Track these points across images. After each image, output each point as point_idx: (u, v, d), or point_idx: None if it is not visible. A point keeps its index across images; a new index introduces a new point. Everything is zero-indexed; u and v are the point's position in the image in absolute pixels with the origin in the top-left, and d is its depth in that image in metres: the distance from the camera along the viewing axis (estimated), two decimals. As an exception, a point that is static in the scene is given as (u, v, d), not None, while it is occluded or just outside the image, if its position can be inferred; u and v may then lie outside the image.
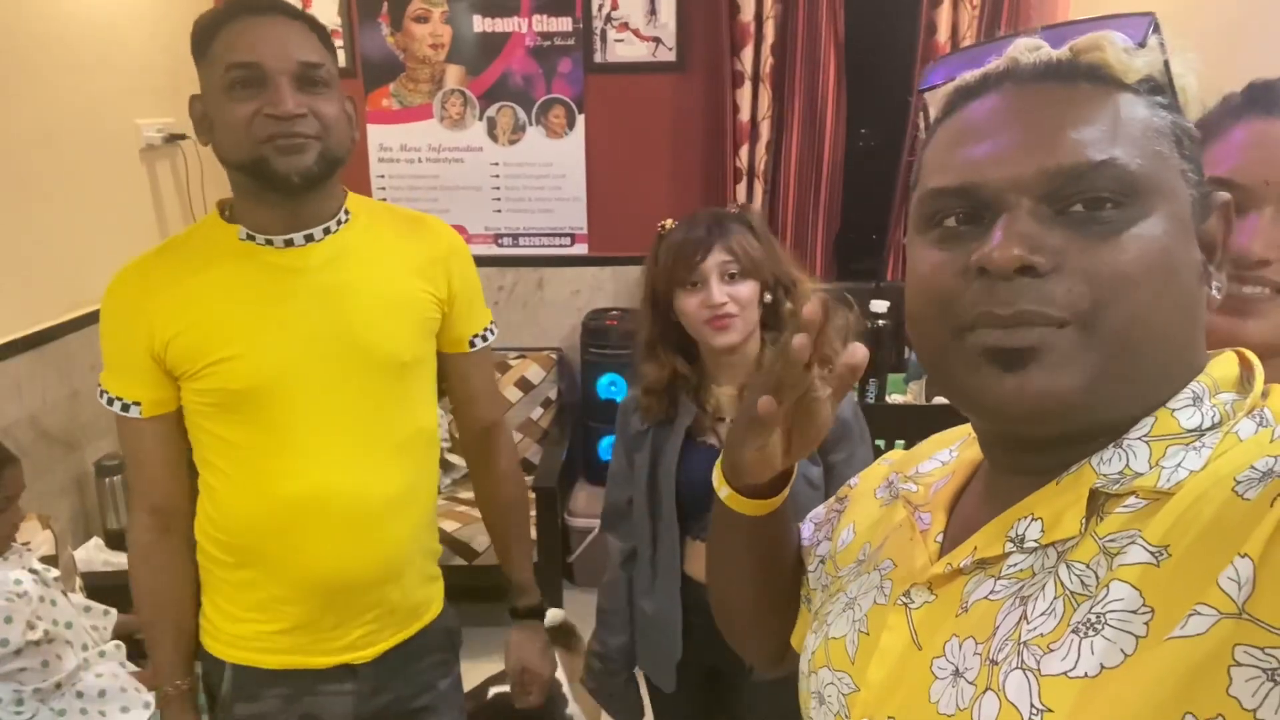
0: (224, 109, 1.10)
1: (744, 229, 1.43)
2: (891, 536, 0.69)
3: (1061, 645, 0.48)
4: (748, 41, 3.12)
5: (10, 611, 1.66)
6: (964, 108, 0.57)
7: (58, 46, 2.42)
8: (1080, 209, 0.51)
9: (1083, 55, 0.54)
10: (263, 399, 1.16)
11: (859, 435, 1.46)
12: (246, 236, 1.18)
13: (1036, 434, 0.55)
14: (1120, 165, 0.51)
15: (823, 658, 0.67)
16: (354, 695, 1.27)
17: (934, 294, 0.55)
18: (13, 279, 2.26)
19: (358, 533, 1.22)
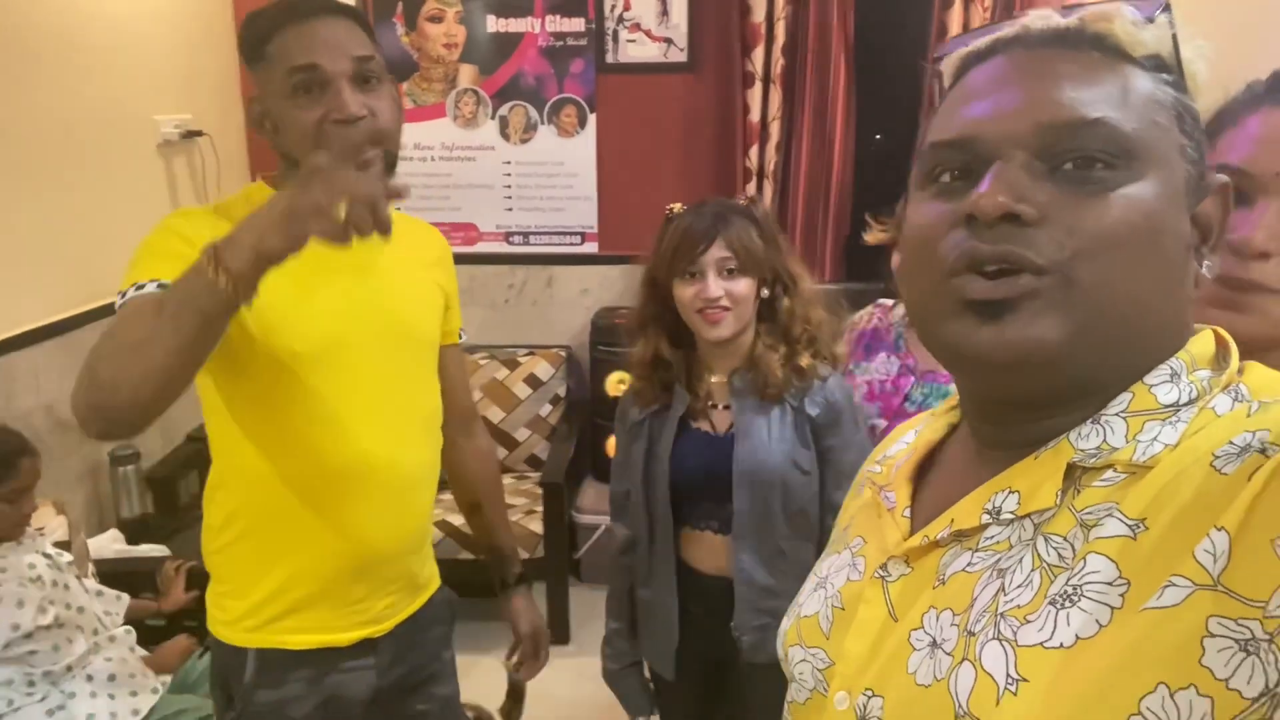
0: (288, 114, 1.13)
1: (749, 223, 1.44)
2: (859, 516, 0.70)
3: (1038, 616, 0.49)
4: (759, 42, 3.14)
5: (23, 596, 1.69)
6: (971, 70, 0.59)
7: (77, 42, 2.47)
8: (1071, 167, 0.52)
9: (1091, 25, 0.55)
10: (313, 363, 1.18)
11: (852, 419, 1.48)
12: None
13: (1013, 388, 0.55)
14: (1113, 125, 0.51)
15: (794, 636, 0.68)
16: (374, 670, 1.30)
17: (922, 242, 0.56)
18: (31, 270, 2.31)
19: (395, 502, 1.26)
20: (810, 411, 1.44)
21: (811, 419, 1.44)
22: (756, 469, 1.42)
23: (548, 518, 2.84)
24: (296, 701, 1.25)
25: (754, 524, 1.43)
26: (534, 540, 2.86)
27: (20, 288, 2.27)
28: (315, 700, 1.26)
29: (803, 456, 1.44)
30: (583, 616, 2.90)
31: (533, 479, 3.17)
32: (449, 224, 3.38)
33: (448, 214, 3.41)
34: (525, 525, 2.88)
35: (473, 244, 3.43)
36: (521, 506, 2.99)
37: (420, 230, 1.41)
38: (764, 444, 1.43)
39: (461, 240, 3.41)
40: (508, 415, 3.27)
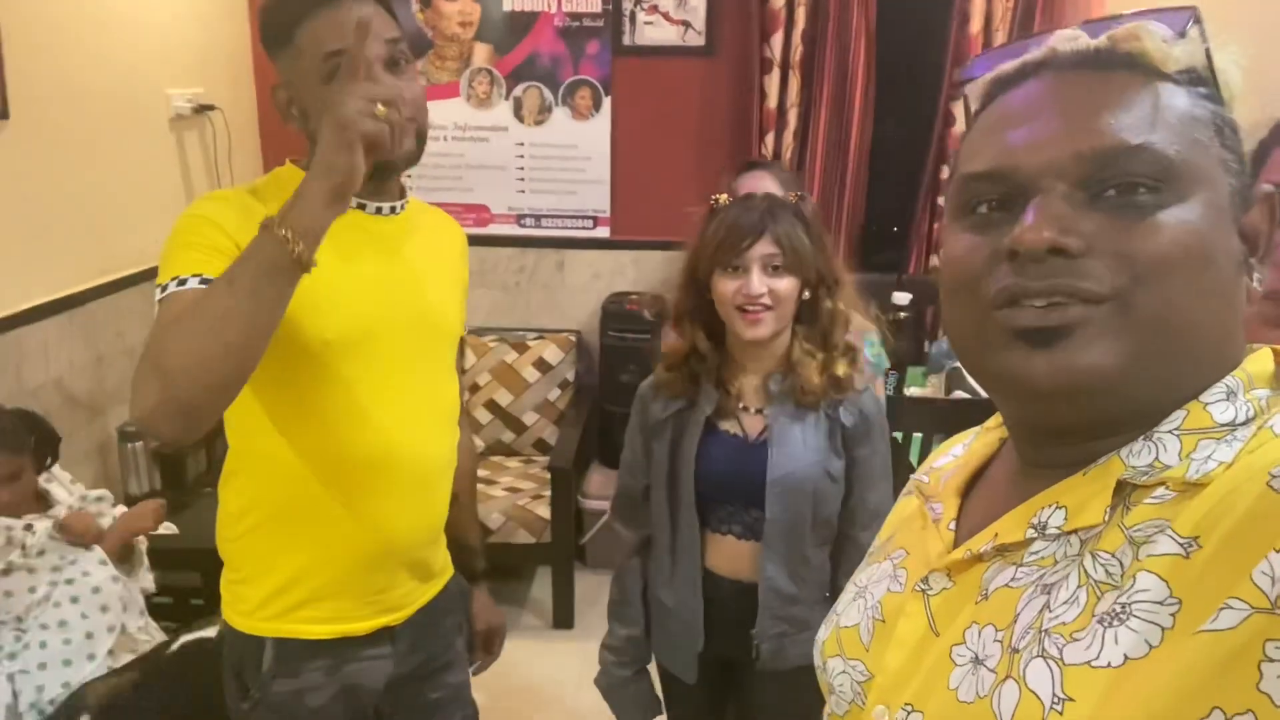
0: (322, 99, 1.09)
1: (797, 220, 1.40)
2: (902, 527, 0.69)
3: (1085, 635, 0.48)
4: (778, 28, 3.10)
5: None
6: (1001, 97, 0.57)
7: (91, 16, 2.44)
8: (1114, 194, 0.51)
9: (1121, 44, 0.54)
10: (342, 352, 1.17)
11: (881, 430, 1.45)
12: None
13: (1066, 417, 0.54)
14: (1156, 150, 0.50)
15: (834, 647, 0.67)
16: (392, 658, 1.30)
17: (965, 276, 0.55)
18: (42, 244, 2.29)
19: (416, 493, 1.27)
20: (844, 421, 1.41)
21: (844, 428, 1.42)
22: (789, 478, 1.39)
23: (555, 503, 2.83)
24: (314, 691, 1.24)
25: (784, 532, 1.41)
26: (541, 525, 2.85)
27: (31, 262, 2.26)
28: (333, 689, 1.26)
29: (835, 465, 1.41)
30: (588, 602, 2.90)
31: (540, 463, 3.16)
32: (461, 204, 3.36)
33: (460, 194, 3.39)
34: (533, 510, 2.88)
35: (484, 225, 3.41)
36: (529, 491, 2.99)
37: (442, 220, 1.41)
38: (799, 453, 1.40)
39: (473, 221, 3.39)
40: (516, 399, 3.26)
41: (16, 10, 2.15)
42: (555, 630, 2.90)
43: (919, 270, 3.28)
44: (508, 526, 2.85)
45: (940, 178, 3.22)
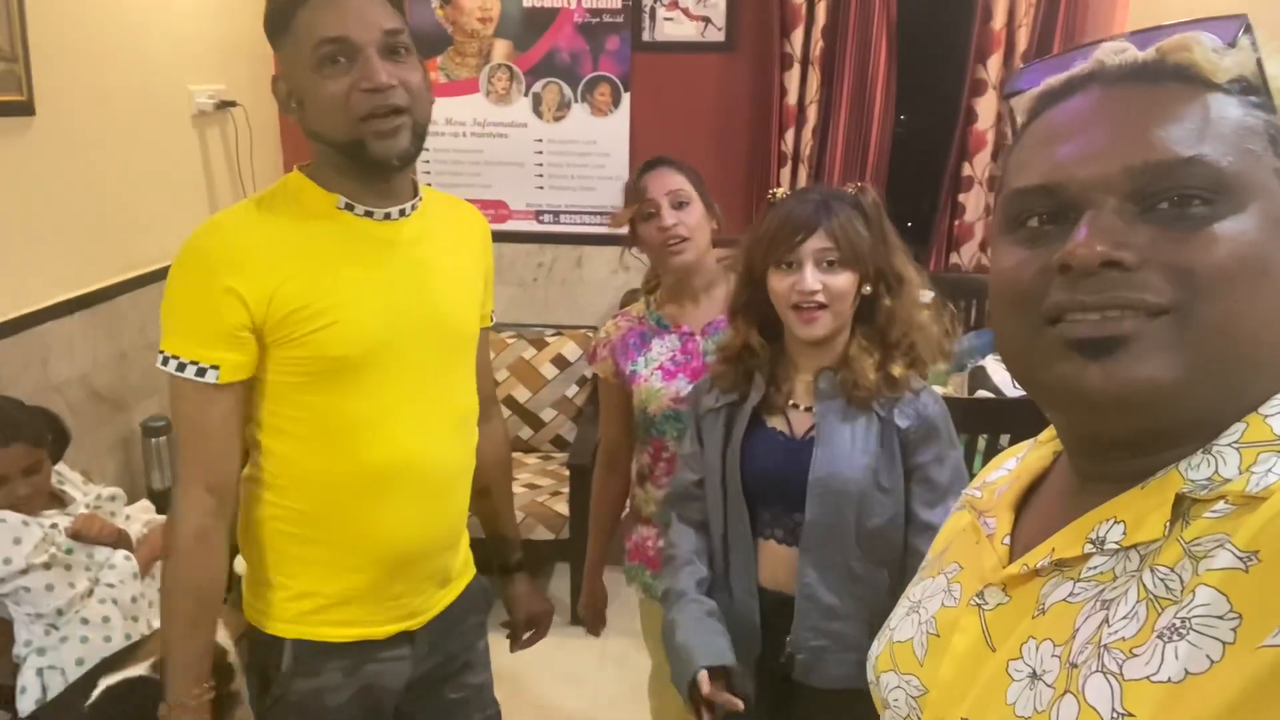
0: (316, 87, 1.12)
1: (856, 214, 1.34)
2: (956, 541, 0.69)
3: (1145, 650, 0.47)
4: (798, 23, 3.08)
5: (21, 534, 1.75)
6: (1049, 111, 0.57)
7: (113, 11, 2.46)
8: (1167, 207, 0.51)
9: (1170, 56, 0.53)
10: (360, 366, 1.17)
11: (948, 437, 1.37)
12: (345, 206, 1.19)
13: (1121, 429, 0.54)
14: (1208, 162, 0.50)
15: (888, 662, 0.67)
16: (410, 660, 1.30)
17: (1015, 290, 0.55)
18: (66, 240, 2.31)
19: (433, 501, 1.26)
20: (900, 423, 1.32)
21: (900, 431, 1.32)
22: (833, 478, 1.31)
23: (574, 500, 2.83)
24: (333, 691, 1.25)
25: (823, 537, 1.32)
26: (560, 522, 2.85)
27: (56, 258, 2.28)
28: (351, 689, 1.26)
29: (886, 472, 1.32)
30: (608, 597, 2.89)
31: (558, 460, 3.16)
32: (479, 201, 3.37)
33: (478, 191, 3.39)
34: (551, 506, 2.88)
35: (503, 221, 3.41)
36: (547, 488, 2.99)
37: (460, 211, 1.39)
38: (845, 453, 1.31)
39: (491, 218, 3.39)
40: (534, 395, 3.26)
41: (41, 7, 2.17)
42: (574, 627, 2.90)
43: (940, 267, 3.26)
44: (526, 523, 2.85)
45: (962, 175, 3.19)
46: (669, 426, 1.64)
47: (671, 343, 1.66)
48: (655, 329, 1.69)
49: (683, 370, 1.64)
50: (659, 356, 1.66)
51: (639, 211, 1.63)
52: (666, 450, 1.66)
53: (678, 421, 1.61)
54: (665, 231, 1.59)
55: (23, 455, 1.83)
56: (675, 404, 1.61)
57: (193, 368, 1.13)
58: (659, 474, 1.68)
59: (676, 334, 1.67)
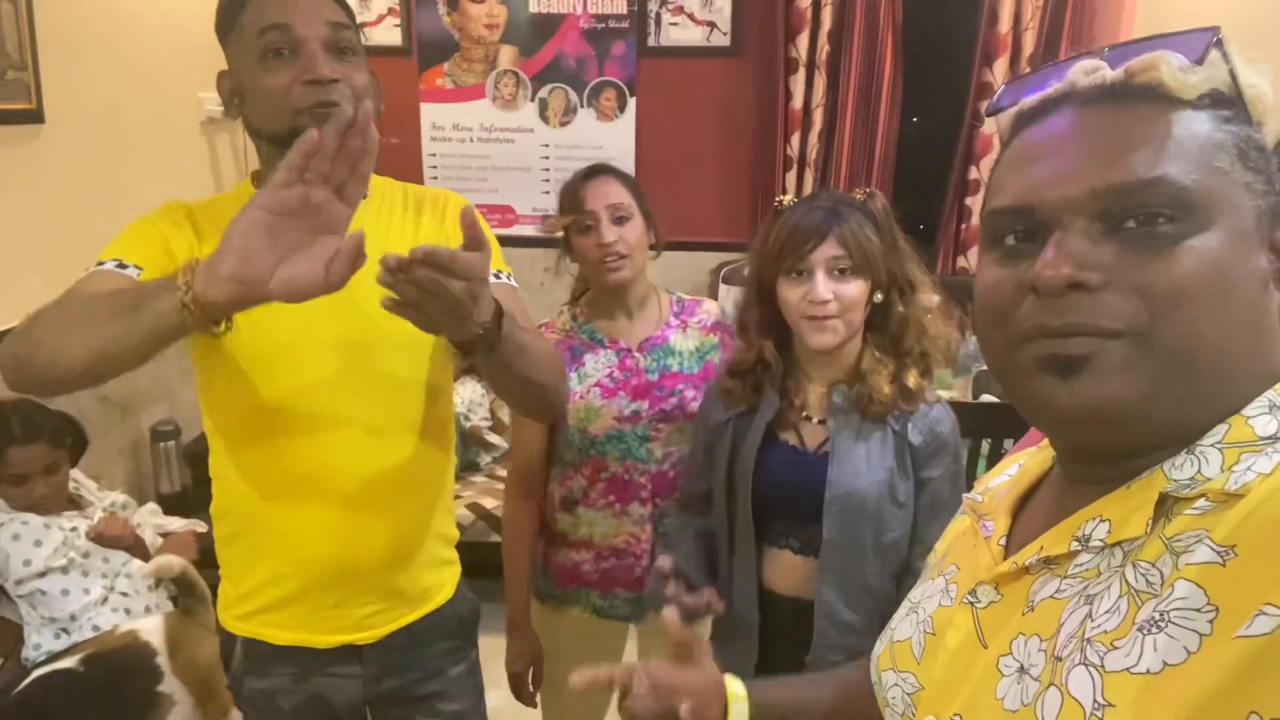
0: (258, 79, 1.09)
1: (865, 220, 1.31)
2: (956, 544, 0.71)
3: (1125, 642, 0.49)
4: (804, 27, 3.09)
5: (43, 537, 1.78)
6: (1025, 131, 0.59)
7: (122, 19, 2.48)
8: (1133, 225, 0.52)
9: (1137, 76, 0.54)
10: (272, 368, 1.14)
11: (954, 452, 1.36)
12: None
13: (1096, 442, 0.56)
14: (1171, 181, 0.51)
15: (888, 660, 0.69)
16: (361, 679, 1.27)
17: (993, 309, 0.57)
18: (76, 246, 2.33)
19: (362, 514, 1.20)
20: (912, 439, 1.31)
21: (913, 447, 1.31)
22: (851, 496, 1.30)
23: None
24: (284, 694, 1.26)
25: (842, 555, 1.31)
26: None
27: (64, 263, 2.29)
28: (302, 696, 1.26)
29: (901, 487, 1.31)
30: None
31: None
32: (486, 205, 3.38)
33: (485, 196, 3.41)
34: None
35: (509, 226, 3.42)
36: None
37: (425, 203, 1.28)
38: (861, 470, 1.30)
39: (498, 222, 3.41)
40: (541, 399, 3.26)
41: (50, 15, 2.19)
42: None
43: (947, 270, 3.25)
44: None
45: (969, 178, 3.19)
46: (611, 447, 1.56)
47: (608, 359, 1.58)
48: (588, 343, 1.59)
49: (622, 388, 1.56)
50: (594, 373, 1.57)
51: (576, 222, 1.55)
52: (606, 471, 1.58)
53: (620, 442, 1.56)
54: (604, 248, 1.52)
55: (43, 454, 1.85)
56: (619, 423, 1.55)
57: (113, 263, 1.09)
58: (594, 496, 1.59)
59: (613, 349, 1.58)
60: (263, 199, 0.87)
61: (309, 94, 1.07)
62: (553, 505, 1.64)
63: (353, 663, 1.26)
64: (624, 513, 1.59)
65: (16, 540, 1.79)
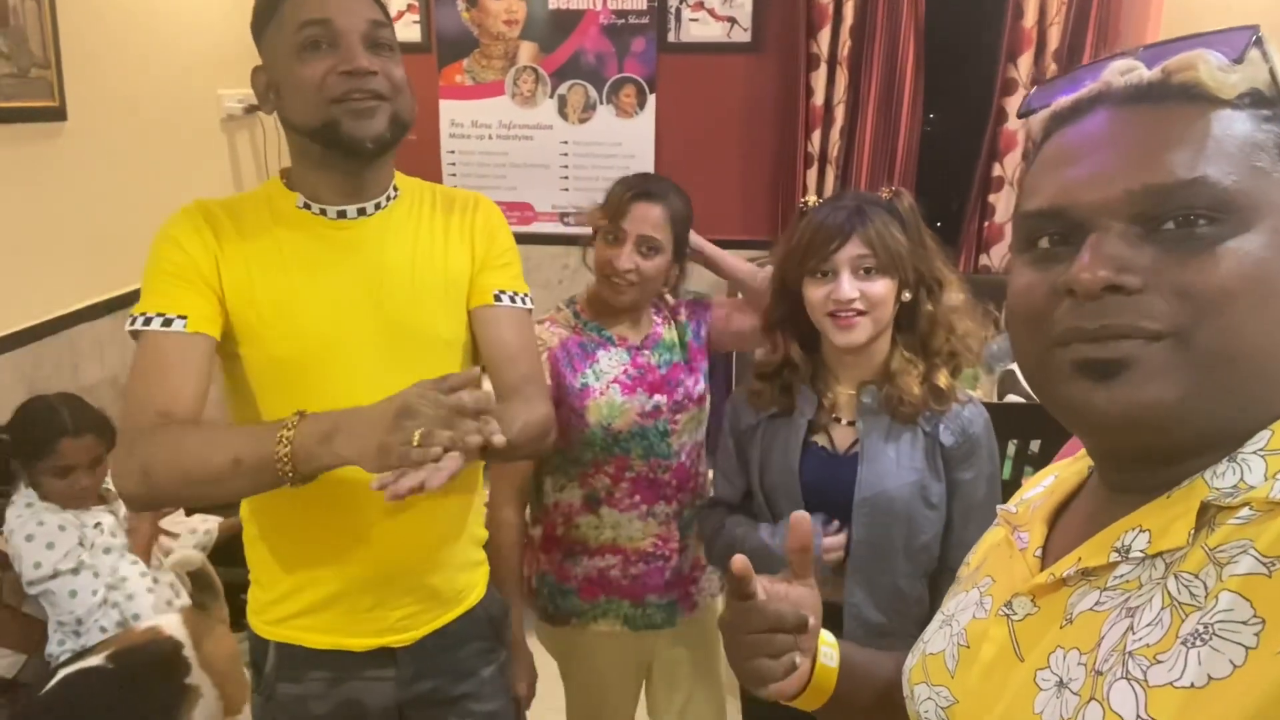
0: (294, 71, 1.09)
1: (891, 219, 1.30)
2: (991, 556, 0.70)
3: (1169, 656, 0.47)
4: (825, 23, 3.06)
5: (56, 539, 1.78)
6: (1059, 132, 0.58)
7: (143, 17, 2.49)
8: (1172, 227, 0.51)
9: (1175, 76, 0.53)
10: (303, 370, 1.14)
11: (989, 453, 1.35)
12: (303, 205, 1.17)
13: (1133, 446, 0.55)
14: (1211, 182, 0.50)
15: (920, 674, 0.68)
16: (394, 681, 1.27)
17: (1026, 312, 0.57)
18: (97, 243, 2.34)
19: (399, 517, 1.19)
20: (944, 440, 1.30)
21: (944, 448, 1.30)
22: (880, 497, 1.28)
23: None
24: (317, 699, 1.25)
25: (871, 557, 1.30)
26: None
27: (86, 261, 2.31)
28: (334, 700, 1.25)
29: (933, 489, 1.30)
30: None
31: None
32: (504, 202, 3.36)
33: (504, 193, 3.40)
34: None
35: (528, 224, 3.42)
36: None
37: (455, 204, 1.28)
38: (891, 471, 1.29)
39: (517, 220, 3.40)
40: (559, 397, 3.26)
41: (73, 14, 2.20)
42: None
43: (970, 268, 3.22)
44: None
45: (992, 175, 3.15)
46: (635, 444, 1.54)
47: (619, 356, 1.56)
48: (598, 340, 1.57)
49: (640, 384, 1.55)
50: (610, 370, 1.55)
51: (605, 230, 1.53)
52: (631, 470, 1.55)
53: (644, 439, 1.55)
54: (616, 269, 1.50)
55: (92, 447, 1.87)
56: (642, 419, 1.54)
57: (158, 319, 1.08)
58: (620, 496, 1.56)
59: (623, 347, 1.57)
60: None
61: (344, 83, 1.08)
62: (569, 512, 1.59)
63: (387, 665, 1.26)
64: (650, 513, 1.58)
65: (30, 541, 1.79)
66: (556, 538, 1.60)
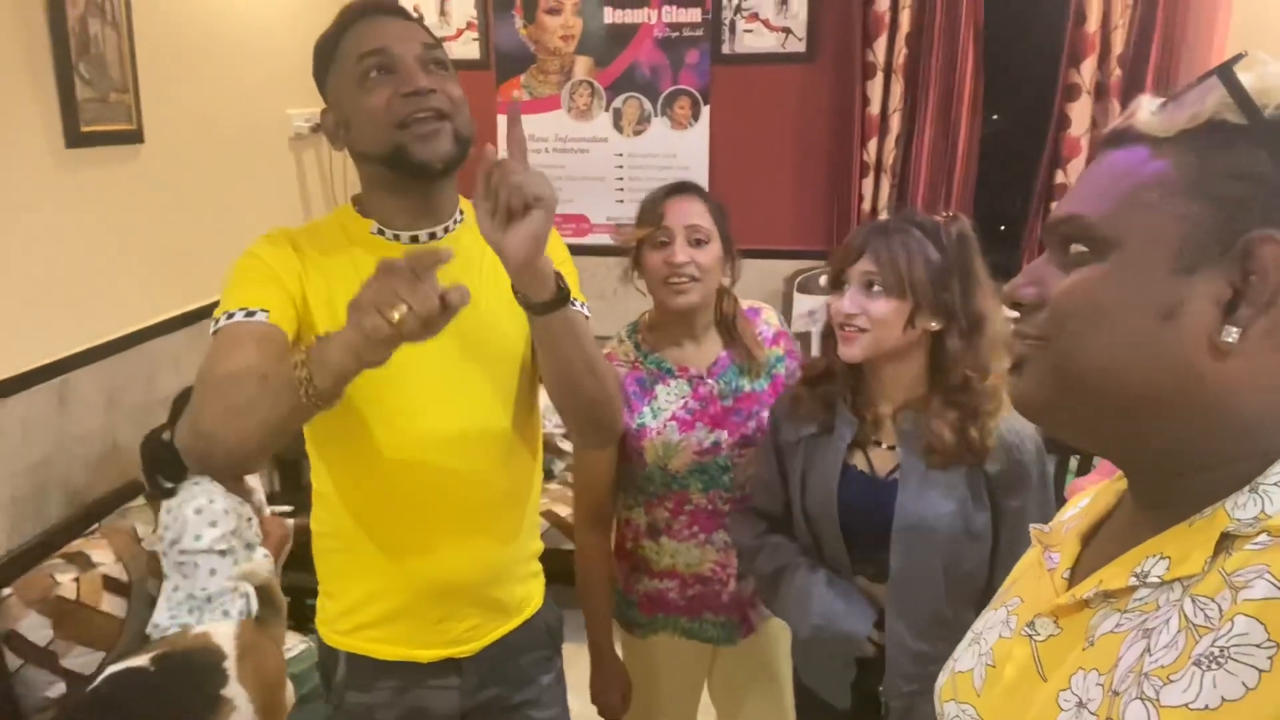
0: (359, 101, 1.14)
1: (923, 241, 1.27)
2: (1023, 576, 0.72)
3: (1182, 677, 0.49)
4: (881, 31, 3.04)
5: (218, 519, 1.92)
6: None
7: (215, 42, 2.59)
8: (1072, 253, 0.60)
9: (1124, 121, 0.60)
10: (382, 391, 1.16)
11: (1039, 479, 1.31)
12: (377, 231, 1.21)
13: (1051, 432, 0.65)
14: (1078, 216, 0.59)
15: (950, 691, 0.70)
16: (459, 690, 1.30)
17: None
18: (172, 260, 2.44)
19: (467, 530, 1.23)
20: (989, 468, 1.27)
21: (989, 476, 1.27)
22: (919, 527, 1.26)
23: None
24: (384, 708, 1.28)
25: (911, 586, 1.28)
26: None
27: (162, 277, 2.40)
28: (401, 709, 1.28)
29: (976, 519, 1.27)
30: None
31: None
32: (560, 215, 3.40)
33: (560, 205, 3.38)
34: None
35: (584, 235, 3.45)
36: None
37: None
38: (932, 501, 1.26)
39: (572, 231, 3.44)
40: (614, 407, 3.28)
41: (149, 41, 2.30)
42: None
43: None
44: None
45: (1055, 182, 3.09)
46: (694, 480, 1.52)
47: (680, 389, 1.52)
48: (657, 374, 1.53)
49: (699, 418, 1.51)
50: (669, 405, 1.51)
51: (650, 237, 1.48)
52: (690, 503, 1.54)
53: (703, 474, 1.52)
54: (674, 267, 1.45)
55: None
56: (700, 456, 1.51)
57: (241, 313, 1.10)
58: (678, 528, 1.56)
59: (684, 378, 1.52)
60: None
61: (408, 104, 1.12)
62: (636, 532, 1.60)
63: (452, 674, 1.29)
64: (708, 541, 1.56)
65: (198, 514, 1.91)
66: (626, 551, 1.63)
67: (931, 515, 1.26)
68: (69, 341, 2.10)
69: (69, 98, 2.05)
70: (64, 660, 1.86)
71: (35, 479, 2.01)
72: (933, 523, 1.26)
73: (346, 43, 1.16)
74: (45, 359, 2.03)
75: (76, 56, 2.07)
